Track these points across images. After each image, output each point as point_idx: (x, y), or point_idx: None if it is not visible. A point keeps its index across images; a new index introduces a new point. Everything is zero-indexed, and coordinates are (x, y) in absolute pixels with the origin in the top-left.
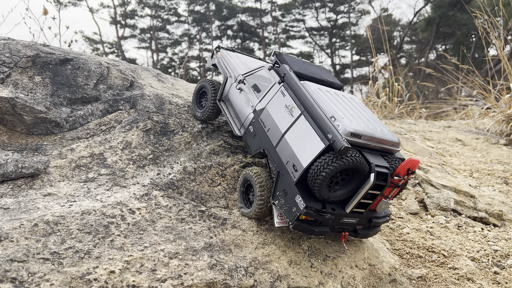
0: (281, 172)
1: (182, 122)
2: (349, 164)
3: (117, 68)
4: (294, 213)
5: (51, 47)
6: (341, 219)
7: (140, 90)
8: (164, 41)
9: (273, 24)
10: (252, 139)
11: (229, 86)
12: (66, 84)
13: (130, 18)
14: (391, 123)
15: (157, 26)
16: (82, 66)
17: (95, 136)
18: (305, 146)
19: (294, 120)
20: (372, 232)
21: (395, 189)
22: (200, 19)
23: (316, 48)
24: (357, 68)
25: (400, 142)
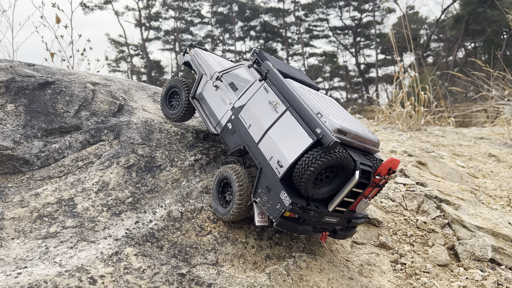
0: (264, 168)
1: (172, 155)
2: (336, 160)
3: (107, 89)
4: (279, 210)
5: (36, 67)
6: (323, 218)
7: (128, 116)
8: (188, 43)
9: (296, 24)
10: (231, 136)
11: (204, 84)
12: (42, 112)
13: (154, 20)
14: (417, 136)
15: (180, 28)
16: (64, 90)
17: (69, 174)
18: (290, 141)
19: (279, 116)
20: (350, 233)
21: (375, 189)
22: (223, 20)
23: (340, 47)
24: (382, 68)
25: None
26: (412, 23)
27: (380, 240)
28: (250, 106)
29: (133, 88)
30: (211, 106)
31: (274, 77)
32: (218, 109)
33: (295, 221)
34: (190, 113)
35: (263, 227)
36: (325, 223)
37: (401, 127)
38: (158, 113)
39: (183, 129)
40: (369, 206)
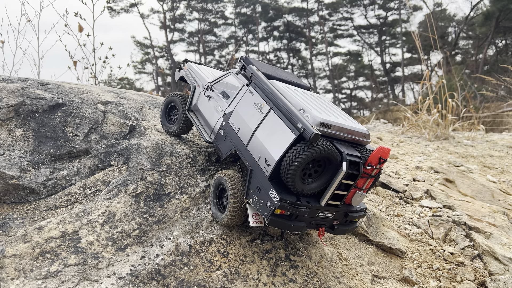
0: (253, 169)
1: (182, 181)
2: (320, 152)
3: (119, 108)
4: (269, 208)
5: (48, 86)
6: (317, 213)
7: (139, 138)
8: (212, 44)
9: (320, 24)
10: (223, 142)
11: (198, 95)
12: (51, 137)
13: (179, 22)
14: (444, 147)
15: (204, 29)
16: (75, 111)
17: (76, 203)
18: (276, 139)
19: (264, 116)
20: (350, 228)
21: (369, 180)
22: (246, 21)
23: (364, 46)
24: (408, 66)
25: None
26: (439, 20)
27: (403, 274)
28: (238, 110)
29: (147, 106)
30: (205, 116)
31: (258, 80)
32: (211, 118)
33: (287, 218)
34: (188, 126)
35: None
36: (320, 219)
37: (428, 136)
38: None
39: (195, 151)
40: (389, 225)
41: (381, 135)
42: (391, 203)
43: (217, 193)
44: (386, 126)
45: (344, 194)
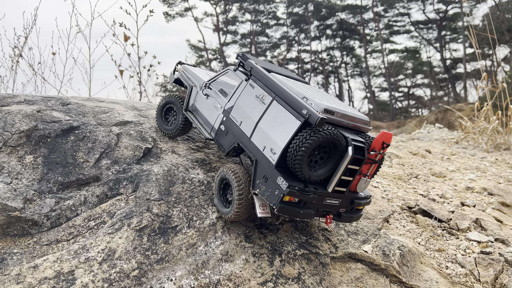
0: (258, 159)
1: (191, 213)
2: (326, 137)
3: (137, 129)
4: (278, 196)
5: (69, 106)
6: (324, 200)
7: (153, 162)
8: (264, 45)
9: (374, 20)
10: (225, 137)
11: (195, 95)
12: (61, 163)
13: (231, 24)
14: (504, 159)
15: (256, 30)
16: (88, 135)
17: (79, 237)
18: (280, 128)
19: (267, 107)
20: (356, 216)
21: (373, 166)
22: (298, 21)
23: (423, 42)
24: (471, 62)
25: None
26: (506, 12)
27: None
28: (239, 104)
29: None
30: (204, 114)
31: (258, 72)
32: (210, 115)
33: (296, 205)
34: (187, 126)
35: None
36: (327, 206)
37: (485, 147)
38: (189, 154)
39: (210, 177)
40: (427, 262)
41: (430, 147)
42: (432, 234)
43: (221, 188)
44: (440, 132)
45: (350, 180)
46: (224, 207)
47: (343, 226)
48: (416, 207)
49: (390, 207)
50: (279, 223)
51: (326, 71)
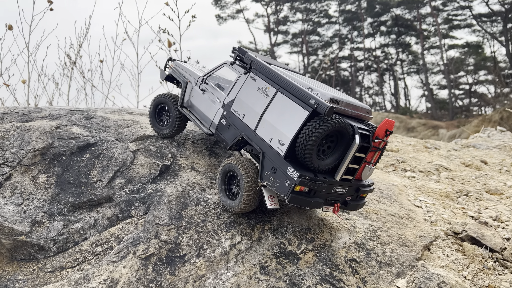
0: (266, 151)
1: (201, 240)
2: (335, 126)
3: (157, 144)
4: (289, 186)
5: (92, 121)
6: (333, 189)
7: (169, 181)
8: (315, 44)
9: (432, 15)
10: (227, 131)
11: (190, 90)
12: (74, 183)
13: (282, 24)
14: None
15: (308, 29)
16: (104, 152)
17: (84, 264)
18: (287, 119)
19: (271, 99)
20: (360, 203)
21: (376, 154)
22: (351, 18)
23: (486, 36)
24: None
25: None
26: None
27: None
28: (240, 97)
29: (192, 137)
30: (201, 109)
31: (259, 65)
32: (208, 110)
33: (306, 195)
34: (183, 124)
35: None
36: (335, 194)
37: None
38: (209, 170)
39: None
40: None
41: (487, 156)
42: (482, 267)
43: (225, 180)
44: (502, 136)
45: (356, 168)
46: (229, 199)
47: (375, 256)
48: (464, 233)
49: (432, 231)
50: (300, 252)
51: (380, 69)
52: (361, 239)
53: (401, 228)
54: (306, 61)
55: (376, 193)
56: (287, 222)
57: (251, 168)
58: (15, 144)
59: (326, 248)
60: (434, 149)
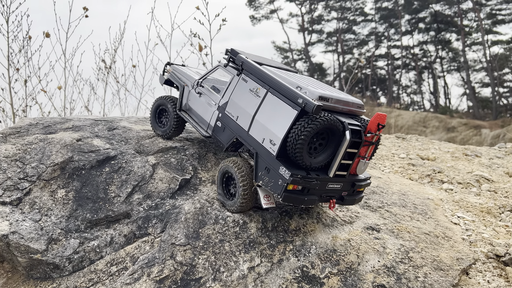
0: (259, 152)
1: (218, 262)
2: (324, 123)
3: (178, 157)
4: (281, 185)
5: (114, 132)
6: (327, 185)
7: (188, 196)
8: (350, 42)
9: (474, 10)
10: (222, 133)
11: (188, 94)
12: (92, 198)
13: (317, 23)
14: None
15: (343, 28)
16: (124, 166)
17: (98, 284)
18: (278, 119)
19: (262, 99)
20: (357, 198)
21: (370, 148)
22: (387, 16)
23: None
24: None
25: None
26: None
27: None
28: (233, 99)
29: (213, 149)
30: (199, 112)
31: (250, 66)
32: (205, 113)
33: (300, 193)
34: (180, 126)
35: None
36: (330, 191)
37: None
38: None
39: (246, 216)
40: None
41: None
42: None
43: (223, 181)
44: None
45: (349, 164)
46: (227, 199)
47: (406, 281)
48: (507, 256)
49: (472, 253)
50: (324, 276)
51: (419, 67)
52: (391, 261)
53: (436, 249)
54: (341, 60)
55: (410, 208)
56: (310, 242)
57: (246, 169)
58: (36, 158)
59: (353, 272)
60: (474, 157)
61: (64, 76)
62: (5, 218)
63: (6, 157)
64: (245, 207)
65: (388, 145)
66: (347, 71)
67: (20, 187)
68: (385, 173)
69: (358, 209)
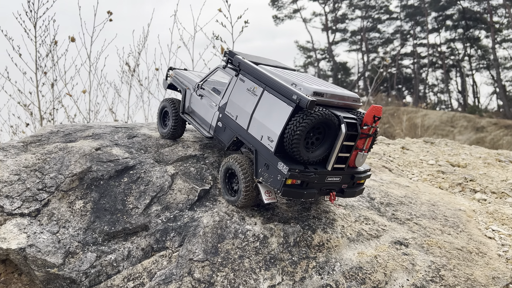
0: (258, 149)
1: (237, 280)
2: (319, 118)
3: (198, 166)
4: (280, 180)
5: (134, 140)
6: (326, 178)
7: (207, 208)
8: (375, 41)
9: (505, 6)
10: (223, 133)
11: (190, 97)
12: (110, 210)
13: (340, 22)
14: None
15: (367, 26)
16: (143, 176)
17: None
18: (274, 116)
19: (259, 98)
20: (358, 190)
21: (368, 140)
22: (413, 13)
23: None
24: None
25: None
26: None
27: None
28: (232, 99)
29: None
30: (201, 114)
31: (246, 66)
32: (206, 114)
33: (299, 187)
34: (179, 128)
35: None
36: (329, 184)
37: None
38: None
39: (267, 229)
40: None
41: None
42: None
43: (226, 177)
44: None
45: (347, 156)
46: (230, 196)
47: None
48: None
49: (509, 271)
50: None
51: (446, 65)
52: (421, 280)
53: (470, 266)
54: (366, 58)
55: (440, 221)
56: (335, 259)
57: (247, 165)
58: (55, 168)
59: None
60: (508, 163)
61: (89, 79)
62: (23, 230)
63: (26, 167)
64: (248, 203)
65: (415, 150)
66: (371, 70)
67: (39, 198)
68: (413, 181)
69: (385, 222)
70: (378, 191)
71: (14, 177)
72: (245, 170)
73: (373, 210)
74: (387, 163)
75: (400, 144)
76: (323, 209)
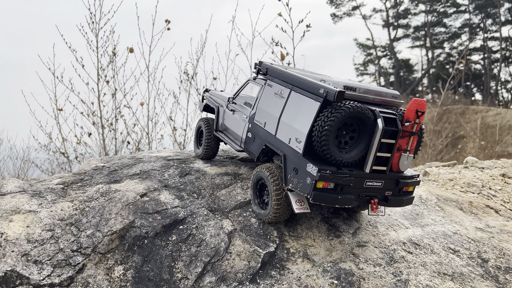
0: (286, 154)
1: None
2: (349, 111)
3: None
4: (310, 183)
5: (189, 178)
6: (364, 182)
7: (273, 279)
8: (441, 36)
9: None
10: (253, 143)
11: (223, 114)
12: (154, 280)
13: (402, 18)
14: None
15: (432, 21)
16: (194, 232)
17: None
18: (302, 115)
19: (286, 100)
20: (406, 199)
21: (412, 139)
22: (484, 5)
23: None
24: None
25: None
26: None
27: None
28: (260, 107)
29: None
30: (233, 129)
31: (273, 70)
32: (238, 128)
33: (332, 191)
34: (212, 147)
35: None
36: (369, 189)
37: None
38: (329, 255)
39: None
40: None
41: None
42: None
43: (257, 191)
44: None
45: (388, 157)
46: (261, 209)
47: None
48: None
49: None
50: None
51: None
52: None
53: None
54: (430, 55)
55: None
56: None
57: (278, 174)
58: (93, 222)
59: None
60: None
61: (148, 90)
62: None
63: (61, 220)
64: (280, 216)
65: None
66: (436, 67)
67: (73, 262)
68: None
69: None
70: (490, 248)
71: (47, 234)
72: (276, 178)
73: (489, 280)
74: (489, 200)
75: (496, 167)
76: (425, 283)
